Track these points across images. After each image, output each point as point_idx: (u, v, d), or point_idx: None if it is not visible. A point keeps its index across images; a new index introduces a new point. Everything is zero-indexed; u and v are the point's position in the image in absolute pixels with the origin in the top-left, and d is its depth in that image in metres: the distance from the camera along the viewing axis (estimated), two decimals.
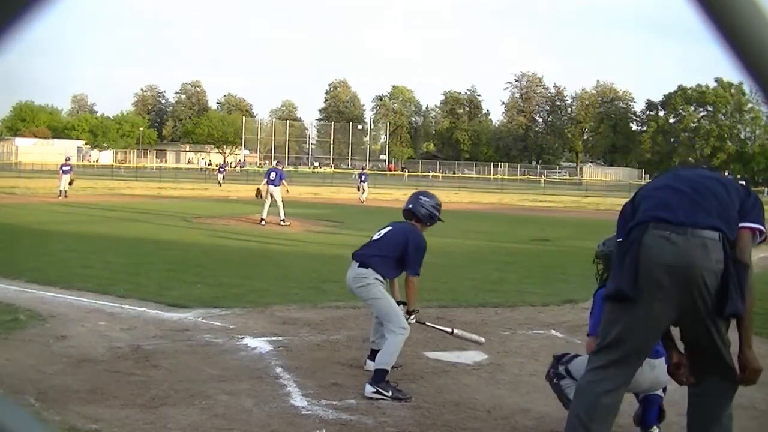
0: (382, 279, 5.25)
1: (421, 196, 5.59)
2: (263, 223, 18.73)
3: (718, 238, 3.04)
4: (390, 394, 4.84)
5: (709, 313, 3.04)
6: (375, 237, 5.48)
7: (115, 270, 10.00)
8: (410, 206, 5.51)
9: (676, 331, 3.30)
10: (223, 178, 48.39)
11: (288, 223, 18.68)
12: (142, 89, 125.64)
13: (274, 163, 21.57)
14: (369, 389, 4.88)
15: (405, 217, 5.54)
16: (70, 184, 27.67)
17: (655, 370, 3.96)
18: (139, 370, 5.31)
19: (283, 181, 19.81)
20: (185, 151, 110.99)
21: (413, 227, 5.39)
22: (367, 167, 67.39)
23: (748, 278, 3.06)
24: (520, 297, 8.96)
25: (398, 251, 5.23)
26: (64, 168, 27.63)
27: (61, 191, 27.33)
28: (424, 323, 5.66)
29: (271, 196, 19.12)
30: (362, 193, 31.61)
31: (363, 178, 32.41)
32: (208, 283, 9.15)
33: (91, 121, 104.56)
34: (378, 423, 4.44)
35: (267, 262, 11.55)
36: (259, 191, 19.74)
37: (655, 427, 4.14)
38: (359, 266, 5.24)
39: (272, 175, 19.45)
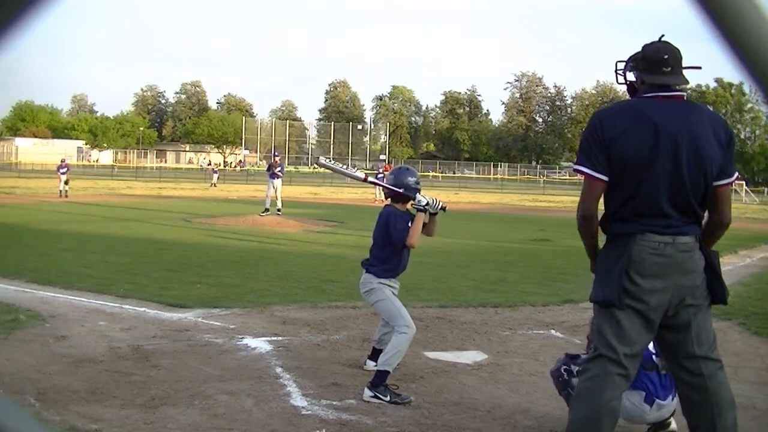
0: (389, 283, 5.21)
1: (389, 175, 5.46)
2: (280, 212, 20.15)
3: (696, 240, 3.19)
4: (388, 399, 4.80)
5: (695, 305, 3.16)
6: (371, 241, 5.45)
7: (115, 270, 10.00)
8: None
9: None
10: (217, 177, 46.96)
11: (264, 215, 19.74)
12: (142, 89, 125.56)
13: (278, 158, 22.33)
14: (367, 393, 4.86)
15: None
16: (66, 183, 28.78)
17: (661, 410, 4.03)
18: (139, 370, 5.31)
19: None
20: (185, 151, 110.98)
21: (385, 210, 5.29)
22: (368, 167, 67.30)
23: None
24: (520, 297, 8.96)
25: (384, 240, 5.18)
26: (61, 170, 29.02)
27: (61, 191, 28.40)
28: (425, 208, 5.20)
29: (274, 187, 20.38)
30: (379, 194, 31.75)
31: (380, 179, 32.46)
32: (208, 283, 9.15)
33: (91, 121, 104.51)
34: (378, 423, 4.44)
35: (267, 262, 11.55)
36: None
37: (671, 419, 4.16)
38: (365, 272, 5.25)
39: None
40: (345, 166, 5.72)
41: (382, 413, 4.61)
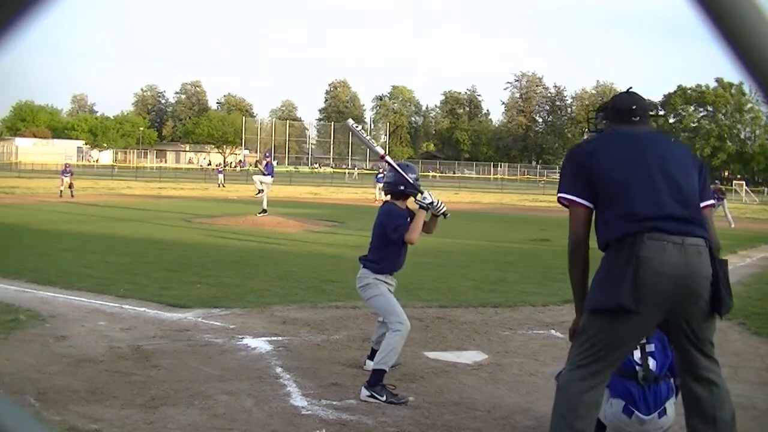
0: (385, 279, 5.22)
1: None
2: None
3: (706, 244, 3.14)
4: (384, 398, 4.79)
5: (700, 314, 3.13)
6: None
7: (115, 270, 10.00)
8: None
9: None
10: (224, 178, 48.21)
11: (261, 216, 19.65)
12: (142, 89, 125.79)
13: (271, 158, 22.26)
14: (364, 392, 4.86)
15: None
16: (70, 187, 29.18)
17: (644, 426, 3.82)
18: (139, 370, 5.31)
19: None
20: (185, 151, 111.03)
21: (384, 207, 5.31)
22: (368, 167, 67.42)
23: (724, 267, 3.22)
24: (520, 297, 8.96)
25: (382, 237, 5.18)
26: (64, 173, 29.86)
27: (62, 191, 28.76)
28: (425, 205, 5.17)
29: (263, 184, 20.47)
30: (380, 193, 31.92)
31: (380, 179, 32.80)
32: (208, 283, 9.14)
33: (91, 121, 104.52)
34: (378, 423, 4.44)
35: (267, 262, 11.55)
36: None
37: None
38: (362, 267, 5.25)
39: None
40: (369, 138, 5.75)
41: (382, 413, 4.61)
